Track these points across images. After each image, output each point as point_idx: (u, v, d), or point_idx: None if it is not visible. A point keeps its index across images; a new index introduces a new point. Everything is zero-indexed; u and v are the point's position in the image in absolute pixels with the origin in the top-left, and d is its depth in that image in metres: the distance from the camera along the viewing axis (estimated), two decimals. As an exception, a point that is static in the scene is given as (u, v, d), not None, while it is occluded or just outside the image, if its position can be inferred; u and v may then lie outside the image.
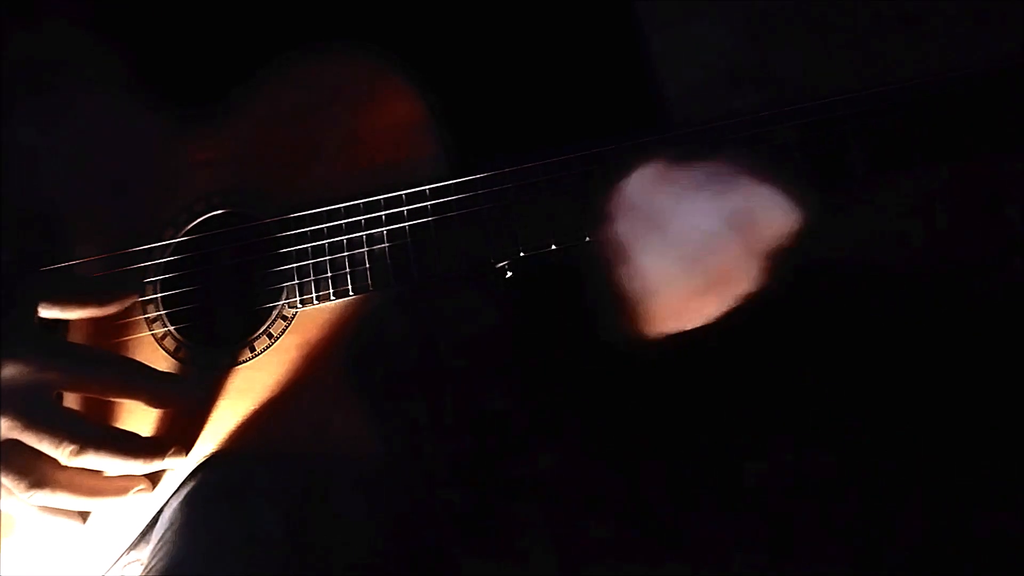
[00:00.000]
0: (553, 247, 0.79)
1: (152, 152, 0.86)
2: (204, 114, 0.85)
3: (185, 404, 0.82)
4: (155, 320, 0.84)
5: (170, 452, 0.81)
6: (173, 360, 0.83)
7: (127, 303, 0.82)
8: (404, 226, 0.80)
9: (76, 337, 0.84)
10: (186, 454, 0.82)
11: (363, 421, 0.80)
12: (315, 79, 0.84)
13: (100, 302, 0.81)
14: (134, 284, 0.83)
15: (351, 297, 0.81)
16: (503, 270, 0.81)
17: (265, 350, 0.82)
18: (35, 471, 0.76)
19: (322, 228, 0.82)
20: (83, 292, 0.81)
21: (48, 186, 0.86)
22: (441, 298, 0.84)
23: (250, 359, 0.82)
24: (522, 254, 0.79)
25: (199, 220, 0.85)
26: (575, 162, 0.79)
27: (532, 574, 0.84)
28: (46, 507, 0.79)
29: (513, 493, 0.83)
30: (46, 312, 0.79)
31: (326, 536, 0.80)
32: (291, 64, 0.84)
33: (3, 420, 0.75)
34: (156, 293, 0.84)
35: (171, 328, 0.84)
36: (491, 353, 0.85)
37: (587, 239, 0.78)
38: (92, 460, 0.77)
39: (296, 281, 0.82)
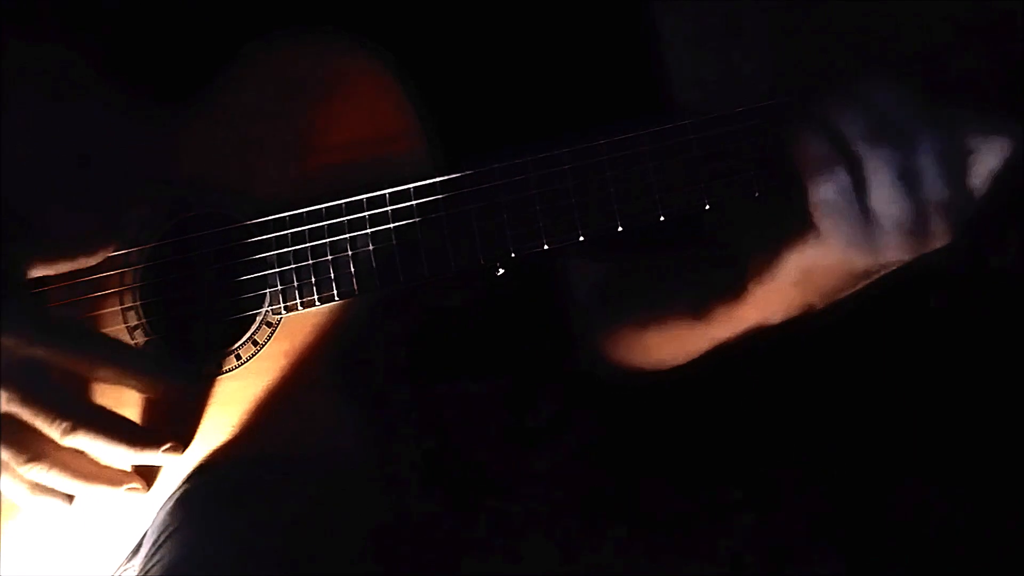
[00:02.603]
0: (545, 247, 0.75)
1: (124, 153, 0.82)
2: (177, 111, 0.81)
3: (174, 389, 0.80)
4: (136, 328, 0.81)
5: (165, 446, 0.79)
6: (156, 369, 0.81)
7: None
8: (389, 228, 0.77)
9: None
10: (182, 451, 0.80)
11: (353, 425, 0.79)
12: (289, 71, 0.80)
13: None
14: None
15: (337, 302, 0.78)
16: (494, 267, 0.78)
17: (251, 358, 0.80)
18: (33, 446, 0.75)
19: (303, 230, 0.78)
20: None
21: (15, 190, 0.82)
22: (430, 297, 0.81)
23: (236, 367, 0.80)
24: (513, 255, 0.76)
25: (176, 222, 0.81)
26: (567, 157, 0.75)
27: (531, 573, 0.83)
28: (38, 485, 0.77)
29: (510, 494, 0.82)
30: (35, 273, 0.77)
31: (321, 539, 0.79)
32: (265, 56, 0.80)
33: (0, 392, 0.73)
34: (136, 301, 0.81)
35: (153, 336, 0.81)
36: (484, 352, 0.83)
37: (580, 238, 0.75)
38: (85, 440, 0.76)
39: (279, 287, 0.79)
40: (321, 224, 0.78)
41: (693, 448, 0.87)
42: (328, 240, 0.78)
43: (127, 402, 0.80)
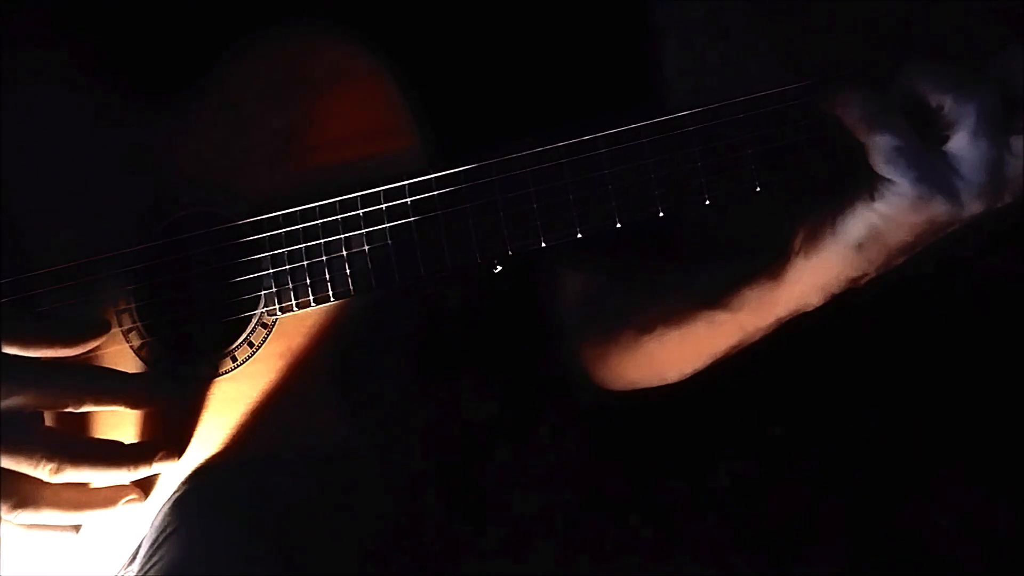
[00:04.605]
0: (543, 244, 0.74)
1: (115, 152, 0.81)
2: (168, 109, 0.80)
3: (162, 401, 0.79)
4: (131, 331, 0.80)
5: (158, 456, 0.79)
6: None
7: (95, 342, 0.79)
8: (384, 227, 0.76)
9: None
10: (177, 458, 0.80)
11: (350, 426, 0.78)
12: (282, 67, 0.78)
13: (67, 342, 0.78)
14: (101, 320, 0.80)
15: (333, 302, 0.77)
16: (491, 265, 0.76)
17: (247, 360, 0.79)
18: (17, 492, 0.75)
19: (297, 230, 0.77)
20: (48, 332, 0.78)
21: (3, 191, 0.81)
22: (427, 296, 0.80)
23: (232, 369, 0.79)
24: (510, 253, 0.74)
25: (168, 222, 0.80)
26: (564, 152, 0.73)
27: (531, 573, 0.82)
28: (34, 525, 0.77)
29: (511, 495, 0.81)
30: (8, 349, 0.76)
31: (320, 540, 0.78)
32: (257, 52, 0.78)
33: None
34: (130, 303, 0.80)
35: (148, 339, 0.80)
36: (483, 352, 0.82)
37: (579, 235, 0.73)
38: (74, 475, 0.76)
39: (274, 288, 0.78)
40: (315, 223, 0.77)
41: (695, 448, 0.86)
42: (323, 240, 0.77)
43: (119, 412, 0.79)
